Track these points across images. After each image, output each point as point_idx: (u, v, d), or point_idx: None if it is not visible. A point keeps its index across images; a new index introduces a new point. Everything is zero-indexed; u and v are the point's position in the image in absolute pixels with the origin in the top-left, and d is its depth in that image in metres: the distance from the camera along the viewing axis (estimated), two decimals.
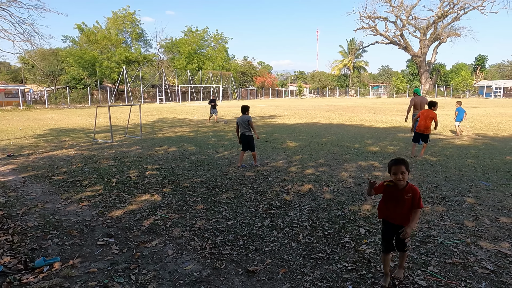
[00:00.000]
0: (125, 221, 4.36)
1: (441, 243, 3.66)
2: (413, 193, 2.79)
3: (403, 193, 2.81)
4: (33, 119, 20.16)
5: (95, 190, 5.68)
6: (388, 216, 2.95)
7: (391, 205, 2.89)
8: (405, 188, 2.81)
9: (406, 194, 2.79)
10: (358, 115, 20.85)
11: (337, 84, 75.38)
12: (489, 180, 6.07)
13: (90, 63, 43.75)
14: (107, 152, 9.11)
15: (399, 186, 2.81)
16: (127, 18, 49.47)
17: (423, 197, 5.14)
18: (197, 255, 3.48)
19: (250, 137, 7.17)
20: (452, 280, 2.98)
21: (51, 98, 39.88)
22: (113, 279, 3.05)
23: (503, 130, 12.84)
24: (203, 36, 57.03)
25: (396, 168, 2.77)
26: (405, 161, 2.80)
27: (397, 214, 2.87)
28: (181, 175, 6.60)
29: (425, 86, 59.02)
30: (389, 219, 2.95)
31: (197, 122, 17.78)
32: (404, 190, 2.81)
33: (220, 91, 51.88)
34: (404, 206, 2.83)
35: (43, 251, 3.59)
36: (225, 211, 4.67)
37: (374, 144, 10.07)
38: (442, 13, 55.73)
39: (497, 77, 64.58)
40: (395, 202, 2.86)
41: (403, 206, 2.83)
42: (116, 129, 14.22)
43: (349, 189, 5.59)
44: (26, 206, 4.94)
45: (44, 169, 7.17)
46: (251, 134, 7.17)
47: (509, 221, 4.24)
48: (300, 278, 3.05)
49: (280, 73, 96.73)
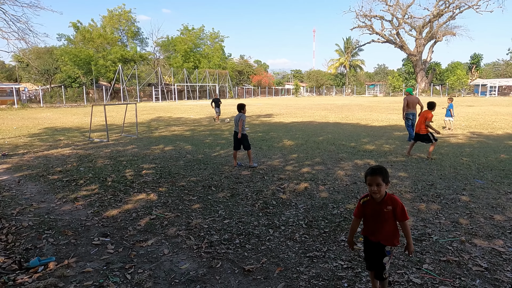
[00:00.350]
0: (121, 221, 4.34)
1: (436, 241, 3.69)
2: (393, 205, 2.49)
3: (381, 206, 2.52)
4: (28, 118, 20.02)
5: (91, 189, 5.66)
6: (368, 232, 2.65)
7: (371, 221, 2.60)
8: (383, 200, 2.52)
9: (385, 206, 2.50)
10: (354, 114, 20.91)
11: (333, 83, 75.49)
12: (484, 178, 6.12)
13: (85, 61, 43.45)
14: (103, 151, 9.07)
15: (376, 199, 2.53)
16: (122, 16, 49.21)
17: (419, 196, 5.18)
18: (193, 254, 3.48)
19: (244, 135, 7.15)
20: (446, 278, 3.00)
21: (46, 97, 39.60)
22: (108, 279, 3.04)
23: (498, 129, 12.93)
24: (199, 34, 56.86)
25: (371, 179, 2.47)
26: (382, 171, 2.50)
27: (377, 230, 2.57)
28: (177, 174, 6.59)
29: (421, 85, 59.27)
30: (369, 236, 2.65)
31: (194, 121, 17.73)
32: (382, 202, 2.52)
33: (216, 90, 51.77)
34: (384, 220, 2.53)
35: (38, 251, 3.56)
36: (221, 210, 4.67)
37: (370, 142, 10.10)
38: (438, 12, 55.97)
39: (492, 75, 65.05)
40: (374, 217, 2.57)
41: (383, 221, 2.53)
42: (112, 128, 14.16)
43: (345, 188, 5.60)
44: (21, 205, 4.91)
45: (39, 169, 7.12)
46: (243, 133, 7.15)
47: (503, 218, 4.28)
48: (296, 277, 3.06)
49: (276, 72, 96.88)
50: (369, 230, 2.64)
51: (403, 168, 6.89)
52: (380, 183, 2.45)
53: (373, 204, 2.55)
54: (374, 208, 2.55)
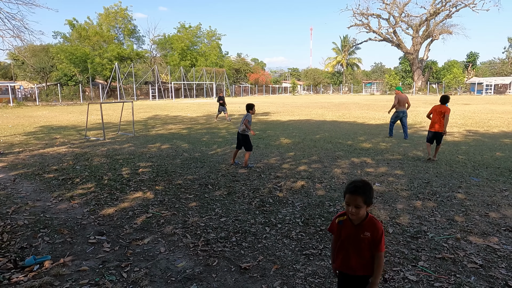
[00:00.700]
0: (117, 219, 4.33)
1: (431, 238, 3.71)
2: (372, 231, 2.06)
3: (358, 230, 2.08)
4: (23, 117, 19.89)
5: (87, 188, 5.63)
6: (341, 263, 2.19)
7: (343, 247, 2.16)
8: (362, 223, 2.08)
9: (363, 232, 2.07)
10: (351, 112, 20.95)
11: (330, 81, 75.55)
12: (479, 176, 6.15)
13: (81, 59, 43.18)
14: (99, 150, 9.03)
15: (353, 221, 2.11)
16: (119, 14, 48.93)
17: (415, 193, 5.20)
18: (189, 252, 3.48)
19: (245, 136, 7.09)
20: (442, 275, 3.02)
21: (42, 95, 39.30)
22: (104, 277, 3.03)
23: (494, 127, 13.01)
24: (196, 32, 56.67)
25: (350, 199, 2.02)
26: (365, 190, 2.03)
27: (352, 260, 2.13)
28: (174, 172, 6.58)
29: (417, 83, 59.49)
30: (343, 267, 2.19)
31: (191, 119, 17.69)
32: (360, 226, 2.08)
33: (213, 88, 51.67)
34: (360, 248, 2.10)
35: (34, 250, 3.55)
36: (218, 208, 4.66)
37: (366, 140, 10.13)
38: (435, 11, 56.13)
39: (488, 74, 65.30)
40: (349, 243, 2.13)
41: (360, 249, 2.10)
42: (109, 127, 14.10)
43: (341, 186, 5.62)
44: (16, 204, 4.88)
45: (34, 167, 7.08)
46: (246, 133, 7.11)
47: (498, 216, 4.31)
48: (292, 274, 3.06)
49: (273, 70, 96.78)
50: (342, 260, 2.17)
51: (400, 166, 6.92)
52: (360, 205, 2.01)
53: (349, 226, 2.11)
54: (349, 232, 2.12)
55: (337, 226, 2.18)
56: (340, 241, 2.18)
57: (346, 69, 75.66)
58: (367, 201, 2.03)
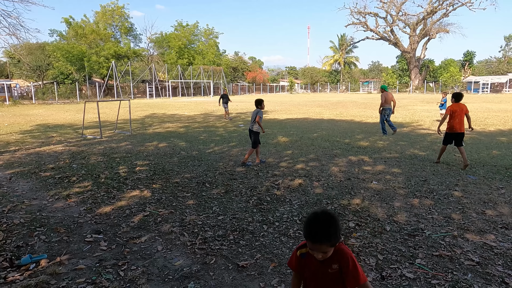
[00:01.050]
0: (114, 217, 4.31)
1: (428, 236, 3.72)
2: (340, 263, 1.76)
3: (324, 265, 1.78)
4: (19, 115, 19.76)
5: (83, 186, 5.60)
6: None
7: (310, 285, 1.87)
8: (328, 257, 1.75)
9: (330, 266, 1.77)
10: (349, 111, 20.98)
11: (328, 80, 75.64)
12: (476, 174, 6.18)
13: (78, 57, 42.92)
14: (96, 148, 8.99)
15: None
16: (115, 12, 48.61)
17: (412, 191, 5.21)
18: (186, 251, 3.47)
19: (256, 134, 7.00)
20: (439, 272, 3.03)
21: (38, 93, 39.11)
22: (101, 276, 3.01)
23: (490, 125, 13.06)
24: (193, 31, 56.48)
25: (313, 247, 1.70)
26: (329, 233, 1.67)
27: None
28: (171, 170, 6.56)
29: (414, 82, 59.64)
30: None
31: (188, 118, 17.65)
32: (325, 261, 1.76)
33: (211, 87, 51.59)
34: (328, 285, 1.81)
35: (30, 248, 3.52)
36: (216, 207, 4.65)
37: (364, 139, 10.15)
38: (432, 9, 56.25)
39: (484, 73, 65.56)
40: (317, 280, 1.83)
41: (328, 285, 1.82)
42: (105, 125, 14.03)
43: (339, 184, 5.62)
44: (12, 203, 4.84)
45: (31, 166, 7.04)
46: (256, 130, 7.02)
47: (495, 213, 4.32)
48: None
49: (271, 69, 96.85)
50: None
51: (397, 164, 6.94)
52: (327, 250, 1.71)
53: (313, 262, 1.79)
54: (315, 269, 1.81)
55: (299, 260, 1.85)
56: (304, 279, 1.89)
57: (344, 67, 75.76)
58: (334, 243, 1.71)
